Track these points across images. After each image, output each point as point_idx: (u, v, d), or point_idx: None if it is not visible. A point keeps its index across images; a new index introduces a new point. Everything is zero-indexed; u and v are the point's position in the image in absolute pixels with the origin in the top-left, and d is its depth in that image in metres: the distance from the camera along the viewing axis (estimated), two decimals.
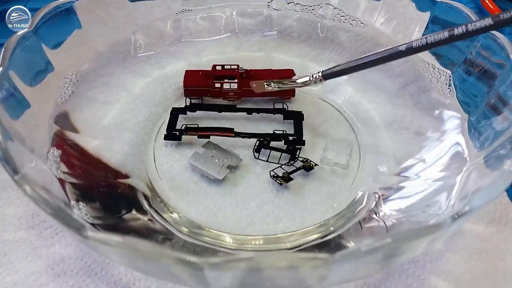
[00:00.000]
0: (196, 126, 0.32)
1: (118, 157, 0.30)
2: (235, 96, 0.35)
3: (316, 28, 0.39)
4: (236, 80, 0.34)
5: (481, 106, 0.29)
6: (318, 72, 0.30)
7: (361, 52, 0.37)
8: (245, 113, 0.33)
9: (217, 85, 0.34)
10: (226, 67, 0.35)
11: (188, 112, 0.33)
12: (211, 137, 0.32)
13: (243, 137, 0.31)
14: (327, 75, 0.30)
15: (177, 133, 0.31)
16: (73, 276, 0.25)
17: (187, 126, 0.32)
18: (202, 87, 0.35)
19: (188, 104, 0.34)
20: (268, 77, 0.35)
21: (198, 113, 0.34)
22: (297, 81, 0.32)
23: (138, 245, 0.17)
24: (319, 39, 0.39)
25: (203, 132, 0.31)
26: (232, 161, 0.30)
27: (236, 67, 0.35)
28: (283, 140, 0.31)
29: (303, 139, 0.31)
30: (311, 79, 0.30)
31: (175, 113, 0.33)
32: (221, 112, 0.34)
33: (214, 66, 0.36)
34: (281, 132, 0.32)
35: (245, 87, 0.34)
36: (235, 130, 0.31)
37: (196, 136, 0.31)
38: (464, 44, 0.31)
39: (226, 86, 0.34)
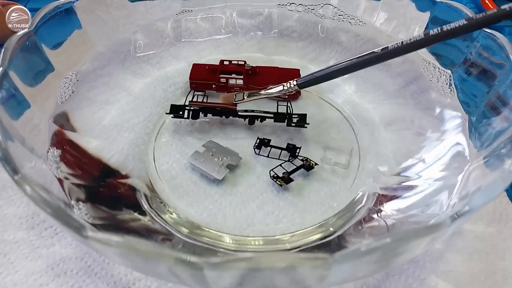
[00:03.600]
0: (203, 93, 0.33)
1: (118, 157, 0.30)
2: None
3: (316, 28, 0.39)
4: (242, 76, 0.35)
5: (481, 106, 0.29)
6: (293, 81, 0.30)
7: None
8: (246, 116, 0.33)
9: (223, 80, 0.35)
10: (233, 62, 0.36)
11: (190, 119, 0.33)
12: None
13: (245, 118, 0.32)
14: (302, 84, 0.29)
15: (182, 107, 0.32)
16: (73, 276, 0.25)
17: (191, 102, 0.32)
18: (207, 81, 0.35)
19: (189, 109, 0.33)
20: (274, 75, 0.35)
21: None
22: (270, 91, 0.31)
23: (138, 245, 0.17)
24: (319, 39, 0.39)
25: (207, 103, 0.32)
26: (232, 160, 0.30)
27: (243, 63, 0.35)
28: (286, 121, 0.31)
29: (307, 122, 0.32)
30: (285, 88, 0.30)
31: (175, 110, 0.33)
32: (221, 117, 0.33)
33: (222, 61, 0.36)
34: (284, 109, 0.32)
35: (251, 83, 0.35)
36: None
37: (201, 114, 0.32)
38: (464, 44, 0.31)
39: (231, 81, 0.34)
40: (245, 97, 0.32)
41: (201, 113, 0.33)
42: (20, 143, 0.23)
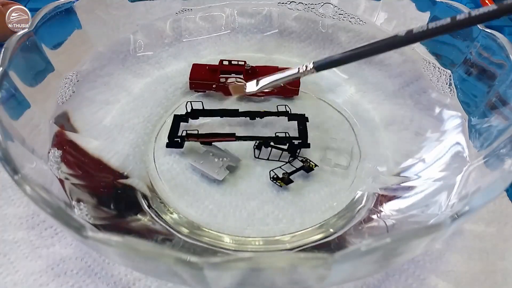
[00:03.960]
0: (197, 131, 0.31)
1: (118, 158, 0.30)
2: None
3: (316, 28, 0.39)
4: (241, 76, 0.35)
5: (481, 106, 0.29)
6: (310, 63, 0.26)
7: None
8: (248, 117, 0.33)
9: (222, 79, 0.35)
10: (233, 62, 0.36)
11: (190, 120, 0.33)
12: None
13: (245, 140, 0.31)
14: (320, 66, 0.26)
15: (179, 140, 0.31)
16: (73, 276, 0.25)
17: (188, 132, 0.31)
18: (207, 81, 0.35)
19: (189, 110, 0.33)
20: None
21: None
22: (283, 74, 0.27)
23: (138, 245, 0.17)
24: (319, 39, 0.39)
25: (205, 138, 0.31)
26: (232, 161, 0.30)
27: (243, 63, 0.35)
28: (287, 144, 0.31)
29: (308, 142, 0.31)
30: (301, 71, 0.27)
31: (177, 120, 0.32)
32: (223, 117, 0.33)
33: (221, 61, 0.36)
34: (283, 134, 0.31)
35: None
36: (236, 134, 0.31)
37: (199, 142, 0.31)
38: (464, 44, 0.31)
39: (231, 81, 0.34)
40: (258, 86, 0.28)
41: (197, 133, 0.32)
42: (20, 143, 0.23)
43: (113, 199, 0.27)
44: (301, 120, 0.32)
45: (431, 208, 0.25)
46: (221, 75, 0.35)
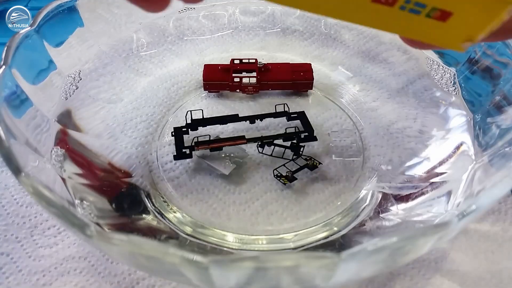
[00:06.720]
0: (208, 139, 0.30)
1: (122, 156, 0.30)
2: (254, 90, 0.35)
3: (319, 26, 0.39)
4: (254, 74, 0.34)
5: (485, 105, 0.28)
6: None
7: (364, 51, 0.37)
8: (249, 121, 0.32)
9: (236, 79, 0.34)
10: (244, 61, 0.35)
11: (190, 131, 0.31)
12: (216, 134, 0.31)
13: (255, 141, 0.30)
14: None
15: (187, 150, 0.29)
16: (76, 275, 0.24)
17: (198, 140, 0.30)
18: (221, 81, 0.35)
19: (189, 121, 0.32)
20: (286, 71, 0.35)
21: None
22: None
23: (143, 244, 0.17)
24: (322, 37, 0.39)
25: (215, 144, 0.30)
26: (239, 155, 0.30)
27: (254, 61, 0.35)
28: (295, 138, 0.30)
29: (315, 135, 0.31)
30: None
31: (178, 133, 0.31)
32: (226, 124, 0.32)
33: (232, 60, 0.36)
34: (292, 130, 0.31)
35: (264, 81, 0.35)
36: (246, 136, 0.30)
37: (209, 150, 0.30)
38: None
39: (245, 80, 0.34)
40: None
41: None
42: (23, 141, 0.23)
43: (116, 198, 0.27)
44: (301, 116, 0.32)
45: (436, 207, 0.25)
46: (234, 74, 0.35)
